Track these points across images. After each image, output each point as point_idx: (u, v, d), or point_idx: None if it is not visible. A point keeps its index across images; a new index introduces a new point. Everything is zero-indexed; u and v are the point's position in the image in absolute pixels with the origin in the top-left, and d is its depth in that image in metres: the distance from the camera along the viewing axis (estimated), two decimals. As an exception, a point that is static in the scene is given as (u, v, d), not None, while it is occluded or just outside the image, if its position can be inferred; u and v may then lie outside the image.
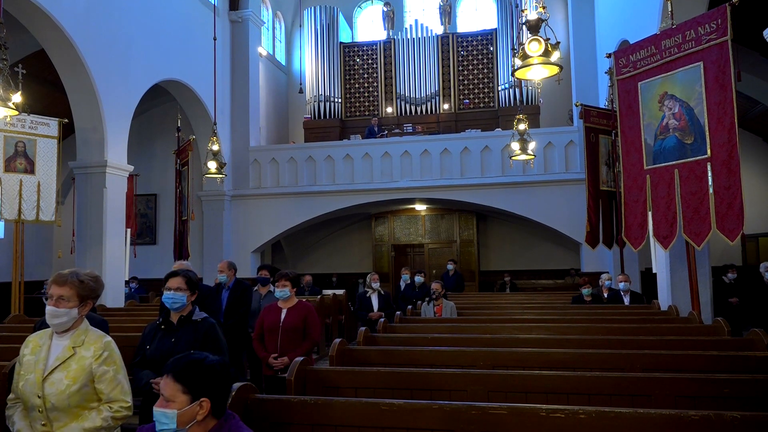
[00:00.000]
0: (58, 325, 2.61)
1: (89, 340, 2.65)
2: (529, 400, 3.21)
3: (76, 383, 2.54)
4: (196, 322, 3.52)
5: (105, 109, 9.69)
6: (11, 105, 5.98)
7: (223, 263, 6.40)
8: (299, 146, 14.59)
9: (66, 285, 2.62)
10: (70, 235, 11.02)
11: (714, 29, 6.01)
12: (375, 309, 7.69)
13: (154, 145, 14.92)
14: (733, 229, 5.82)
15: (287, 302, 4.95)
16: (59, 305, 2.59)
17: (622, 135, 7.26)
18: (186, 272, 3.62)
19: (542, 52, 4.96)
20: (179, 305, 3.49)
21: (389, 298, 7.98)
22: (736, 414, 2.42)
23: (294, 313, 4.89)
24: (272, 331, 4.87)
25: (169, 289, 3.49)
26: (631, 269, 10.28)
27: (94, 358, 2.59)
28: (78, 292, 2.63)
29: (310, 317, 4.92)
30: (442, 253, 15.35)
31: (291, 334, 4.80)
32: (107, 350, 2.63)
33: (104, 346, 2.64)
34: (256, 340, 4.98)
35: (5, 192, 8.27)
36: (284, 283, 4.94)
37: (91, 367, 2.58)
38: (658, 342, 4.67)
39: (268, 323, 4.92)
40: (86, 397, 2.57)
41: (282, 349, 4.78)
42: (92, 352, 2.60)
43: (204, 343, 3.38)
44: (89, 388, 2.57)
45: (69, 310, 2.60)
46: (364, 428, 2.71)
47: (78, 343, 2.62)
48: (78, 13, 9.17)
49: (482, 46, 15.80)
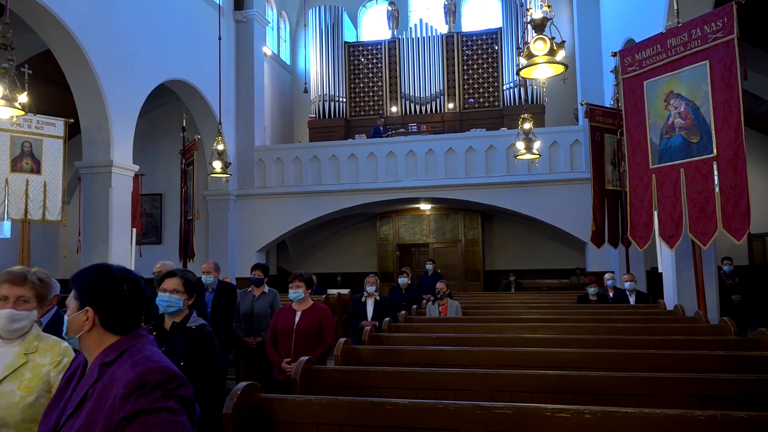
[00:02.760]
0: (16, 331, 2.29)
1: (44, 346, 2.33)
2: (535, 399, 3.20)
3: (32, 394, 2.22)
4: (191, 330, 3.15)
5: (110, 109, 9.73)
6: (17, 105, 6.01)
7: (209, 263, 5.99)
8: (304, 146, 14.60)
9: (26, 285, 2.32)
10: (76, 234, 11.06)
11: (720, 27, 5.99)
12: (369, 317, 6.95)
13: (160, 144, 14.96)
14: (739, 229, 5.79)
15: (301, 304, 4.77)
16: (19, 307, 2.28)
17: (628, 134, 7.23)
18: (184, 272, 3.30)
19: (547, 51, 4.96)
20: (174, 309, 3.15)
21: (387, 304, 7.17)
22: (743, 414, 2.41)
23: (309, 316, 4.71)
24: (286, 334, 4.68)
25: (165, 290, 3.16)
26: (637, 269, 10.25)
27: (53, 366, 2.29)
28: (38, 292, 2.35)
29: (326, 320, 4.72)
30: (447, 252, 15.34)
31: (305, 338, 4.62)
32: (67, 356, 2.32)
33: (63, 351, 2.34)
34: (269, 343, 4.83)
35: (12, 192, 8.31)
36: (298, 284, 4.74)
37: (49, 376, 2.26)
38: (663, 342, 4.65)
39: (281, 326, 4.73)
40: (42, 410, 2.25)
41: (296, 353, 4.57)
42: (50, 359, 2.30)
43: (197, 353, 3.07)
44: (45, 399, 2.22)
45: (29, 313, 2.31)
46: (369, 428, 2.71)
47: (31, 349, 2.30)
48: (83, 13, 9.20)
49: (487, 45, 15.78)
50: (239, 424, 2.70)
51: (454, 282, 14.11)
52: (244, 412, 2.75)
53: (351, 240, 16.55)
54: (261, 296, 6.09)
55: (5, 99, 5.88)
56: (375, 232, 15.82)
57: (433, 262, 10.93)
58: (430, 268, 10.43)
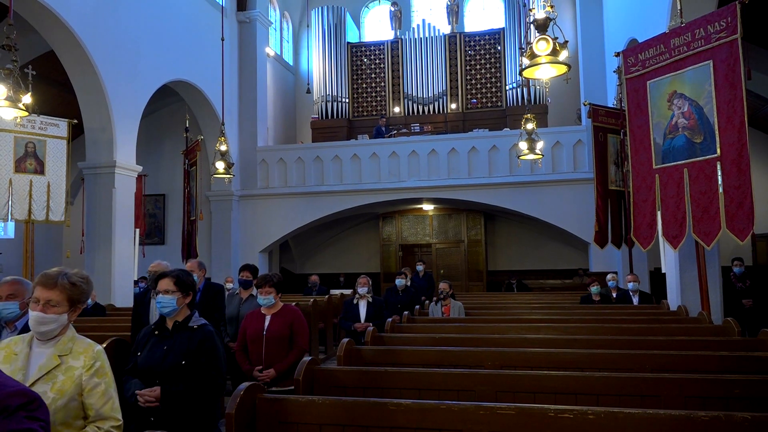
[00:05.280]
0: (45, 333, 2.28)
1: (78, 348, 2.31)
2: (538, 400, 3.20)
3: (63, 397, 2.18)
4: (193, 329, 3.14)
5: (114, 109, 9.75)
6: (21, 106, 6.04)
7: (192, 263, 5.58)
8: (307, 146, 14.61)
9: (56, 288, 2.29)
10: (79, 235, 11.09)
11: (724, 27, 5.97)
12: (362, 319, 6.69)
13: (163, 145, 15.00)
14: (743, 229, 5.77)
15: (271, 308, 4.48)
16: (47, 310, 2.26)
17: (631, 134, 7.22)
18: (176, 271, 3.27)
19: (550, 51, 4.95)
20: (169, 309, 3.12)
21: (381, 306, 6.90)
22: (747, 415, 2.40)
23: (279, 320, 4.42)
24: (255, 340, 4.39)
25: (158, 292, 3.15)
26: (640, 269, 10.23)
27: (85, 369, 2.26)
28: (69, 296, 2.31)
29: (297, 323, 4.44)
30: (450, 253, 15.34)
31: (276, 343, 4.34)
32: (99, 360, 2.31)
33: (95, 355, 2.32)
34: (239, 352, 4.52)
35: (15, 192, 8.34)
36: (268, 290, 4.42)
37: (81, 379, 2.24)
38: (667, 342, 4.64)
39: (250, 332, 4.43)
40: (72, 414, 2.21)
41: (267, 359, 4.31)
42: (82, 362, 2.27)
43: (198, 353, 3.07)
44: (76, 402, 2.22)
45: (58, 316, 2.28)
46: (371, 428, 2.71)
47: (65, 351, 2.28)
48: (87, 14, 9.23)
49: (490, 45, 15.77)
50: (242, 424, 2.70)
51: (457, 282, 14.10)
52: (247, 413, 2.75)
53: (354, 240, 16.56)
54: (248, 299, 5.68)
55: (9, 100, 5.90)
56: (378, 233, 15.83)
57: (423, 262, 10.91)
58: (420, 269, 10.36)
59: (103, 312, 8.24)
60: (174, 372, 3.03)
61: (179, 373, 3.04)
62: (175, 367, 3.04)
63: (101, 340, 4.96)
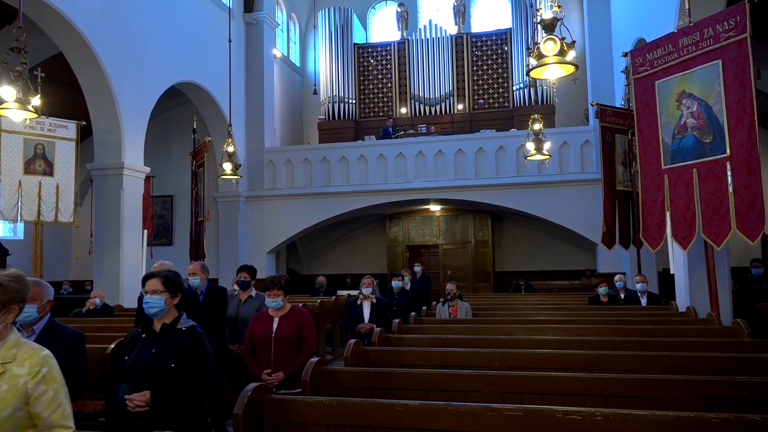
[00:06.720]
0: None
1: (22, 354, 2.13)
2: (545, 401, 3.19)
3: (8, 407, 2.03)
4: (181, 331, 3.07)
5: (122, 111, 9.81)
6: (30, 108, 6.07)
7: (195, 265, 5.45)
8: (314, 147, 14.64)
9: None
10: (88, 236, 11.16)
11: (733, 26, 5.93)
12: (366, 320, 6.63)
13: (171, 146, 15.06)
14: (754, 229, 5.73)
15: (279, 310, 4.44)
16: None
17: (639, 134, 7.19)
18: (164, 272, 3.19)
19: (557, 51, 4.93)
20: (157, 310, 3.04)
21: (385, 306, 6.81)
22: (757, 417, 2.38)
23: (287, 322, 4.37)
24: (264, 343, 4.35)
25: (146, 293, 3.06)
26: (648, 270, 10.17)
27: (30, 376, 2.09)
28: None
29: (306, 325, 4.41)
30: (457, 253, 15.32)
31: (285, 346, 4.30)
32: (46, 365, 2.13)
33: (42, 360, 2.13)
34: (247, 354, 4.47)
35: (25, 194, 8.40)
36: (276, 292, 4.38)
37: (26, 387, 2.07)
38: (676, 343, 4.61)
39: (258, 334, 4.39)
40: (19, 424, 2.07)
41: (276, 362, 4.26)
42: (27, 369, 2.09)
43: (187, 356, 2.99)
44: (23, 412, 2.07)
45: None
46: (380, 429, 2.71)
47: (8, 358, 2.10)
48: (95, 16, 9.28)
49: (497, 45, 15.75)
50: (250, 424, 2.71)
51: (464, 283, 14.07)
52: (254, 413, 2.76)
53: (361, 241, 16.57)
54: (247, 300, 5.60)
55: (18, 102, 5.94)
56: (385, 234, 15.83)
57: (420, 264, 10.86)
58: (418, 270, 10.31)
59: (111, 313, 8.28)
60: (163, 375, 2.96)
61: (168, 376, 2.96)
62: (164, 371, 2.96)
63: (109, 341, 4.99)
